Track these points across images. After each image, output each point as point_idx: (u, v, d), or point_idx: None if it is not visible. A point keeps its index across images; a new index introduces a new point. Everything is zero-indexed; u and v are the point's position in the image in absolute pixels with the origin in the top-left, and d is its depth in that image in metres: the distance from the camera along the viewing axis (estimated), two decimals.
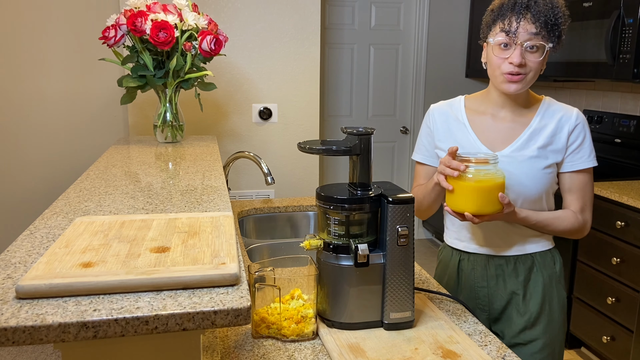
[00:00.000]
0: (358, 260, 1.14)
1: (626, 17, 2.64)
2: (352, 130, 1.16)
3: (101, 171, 1.44)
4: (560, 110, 1.41)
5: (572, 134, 1.39)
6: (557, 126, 1.40)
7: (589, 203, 1.44)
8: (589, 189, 1.43)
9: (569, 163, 1.40)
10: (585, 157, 1.40)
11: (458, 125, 1.46)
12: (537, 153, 1.38)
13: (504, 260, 1.45)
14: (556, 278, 1.47)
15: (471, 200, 1.25)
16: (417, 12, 4.26)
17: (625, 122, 3.08)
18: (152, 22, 1.77)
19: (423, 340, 1.14)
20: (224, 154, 2.73)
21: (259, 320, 1.17)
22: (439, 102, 1.53)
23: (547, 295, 1.45)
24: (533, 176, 1.38)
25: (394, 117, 4.43)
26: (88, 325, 0.65)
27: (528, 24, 1.29)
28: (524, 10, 1.29)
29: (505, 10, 1.32)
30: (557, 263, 1.48)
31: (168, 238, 0.86)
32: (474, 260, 1.48)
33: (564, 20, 1.32)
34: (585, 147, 1.40)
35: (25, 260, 0.81)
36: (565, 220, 1.41)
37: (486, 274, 1.46)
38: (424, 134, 1.52)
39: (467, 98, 1.50)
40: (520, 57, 1.29)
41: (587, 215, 1.44)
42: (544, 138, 1.39)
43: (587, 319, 2.71)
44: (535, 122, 1.41)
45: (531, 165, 1.38)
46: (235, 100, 2.72)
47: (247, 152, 1.97)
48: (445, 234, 1.57)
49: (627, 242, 2.47)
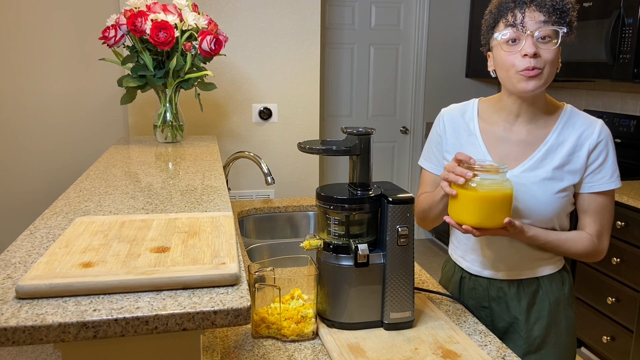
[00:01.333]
0: (358, 260, 1.14)
1: (626, 17, 2.64)
2: (352, 130, 1.16)
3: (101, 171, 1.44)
4: (582, 124, 1.27)
5: (592, 153, 1.24)
6: (577, 143, 1.25)
7: (607, 227, 1.30)
8: (608, 212, 1.29)
9: (588, 184, 1.26)
10: (606, 178, 1.25)
11: (469, 136, 1.34)
12: (552, 174, 1.24)
13: (506, 283, 1.34)
14: (564, 301, 1.35)
15: (473, 212, 1.15)
16: (417, 12, 4.26)
17: (625, 122, 3.08)
18: (152, 22, 1.77)
19: (423, 340, 1.14)
20: (224, 154, 2.73)
21: (259, 320, 1.17)
22: (451, 106, 1.40)
23: (553, 320, 1.34)
24: (545, 201, 1.24)
25: (394, 117, 4.43)
26: (88, 325, 0.65)
27: (534, 12, 1.17)
28: (526, 1, 1.18)
29: (506, 6, 1.20)
30: (566, 284, 1.36)
31: (168, 238, 0.86)
32: (475, 280, 1.39)
33: (572, 6, 1.20)
34: (607, 167, 1.25)
35: (25, 260, 0.81)
36: (579, 242, 1.27)
37: (487, 295, 1.37)
38: (433, 141, 1.41)
39: (481, 102, 1.37)
40: (533, 46, 1.16)
41: (605, 241, 1.30)
42: (560, 157, 1.25)
43: (587, 319, 2.71)
44: (553, 136, 1.27)
45: (544, 189, 1.24)
46: (235, 100, 2.72)
47: (247, 152, 1.97)
48: (449, 247, 1.48)
49: (627, 242, 2.47)
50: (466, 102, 1.40)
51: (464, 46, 4.39)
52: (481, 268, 1.37)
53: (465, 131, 1.35)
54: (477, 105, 1.37)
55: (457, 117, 1.37)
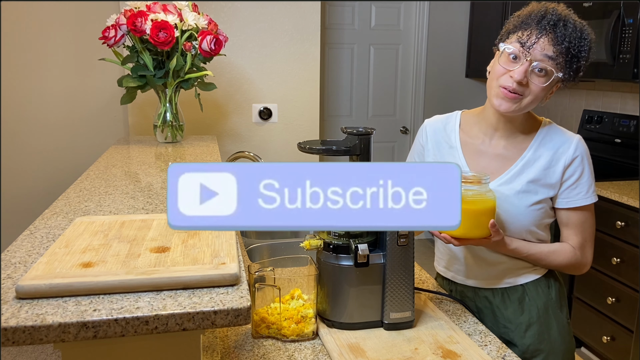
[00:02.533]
0: (358, 260, 1.14)
1: (626, 17, 2.64)
2: (352, 130, 1.16)
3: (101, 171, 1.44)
4: (558, 140, 1.27)
5: (568, 169, 1.25)
6: (553, 158, 1.26)
7: (590, 239, 1.30)
8: (589, 225, 1.29)
9: (565, 199, 1.27)
10: (582, 194, 1.26)
11: (450, 149, 1.35)
12: (526, 187, 1.25)
13: (491, 292, 1.35)
14: (553, 306, 1.34)
15: None
16: (417, 12, 4.26)
17: (625, 122, 3.08)
18: (152, 22, 1.77)
19: (423, 340, 1.14)
20: (224, 154, 2.73)
21: (259, 320, 1.17)
22: (434, 117, 1.42)
23: (543, 326, 1.33)
24: (519, 213, 1.25)
25: (394, 117, 4.43)
26: (88, 325, 0.65)
27: (548, 44, 1.15)
28: (548, 27, 1.15)
29: (531, 21, 1.18)
30: (553, 288, 1.35)
31: (168, 238, 0.86)
32: (461, 290, 1.40)
33: (587, 55, 1.18)
34: (582, 183, 1.26)
35: (25, 260, 0.81)
36: (562, 254, 1.29)
37: (475, 305, 1.38)
38: (415, 151, 1.43)
39: (464, 114, 1.38)
40: (523, 74, 1.16)
41: (588, 253, 1.30)
42: (536, 171, 1.26)
43: (587, 319, 2.71)
44: (530, 152, 1.28)
45: (518, 201, 1.25)
46: (235, 100, 2.72)
47: (247, 152, 1.97)
48: (435, 260, 1.48)
49: (627, 242, 2.47)
50: (450, 114, 1.41)
51: (464, 46, 4.38)
52: (465, 277, 1.37)
53: (446, 143, 1.36)
54: (459, 117, 1.38)
55: (440, 129, 1.38)
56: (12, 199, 2.60)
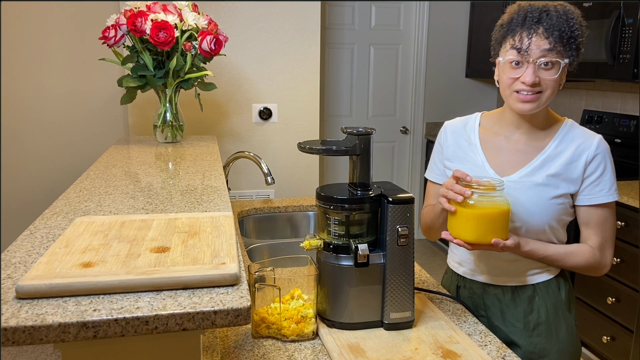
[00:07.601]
0: (358, 260, 1.14)
1: (626, 17, 2.64)
2: (352, 130, 1.16)
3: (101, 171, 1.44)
4: (580, 137, 1.28)
5: (590, 165, 1.26)
6: (575, 154, 1.26)
7: (610, 240, 1.29)
8: (609, 225, 1.29)
9: (586, 196, 1.27)
10: (605, 191, 1.26)
11: (469, 145, 1.36)
12: (547, 181, 1.26)
13: (501, 289, 1.35)
14: (562, 306, 1.34)
15: (471, 228, 1.16)
16: (417, 12, 4.26)
17: (625, 122, 3.08)
18: (152, 22, 1.77)
19: (423, 340, 1.14)
20: (224, 154, 2.73)
21: (259, 320, 1.17)
22: (454, 119, 1.43)
23: (552, 326, 1.33)
24: (540, 205, 1.26)
25: (394, 117, 4.43)
26: (88, 325, 0.65)
27: (540, 39, 1.17)
28: (535, 25, 1.18)
29: (515, 25, 1.21)
30: (563, 289, 1.35)
31: (168, 238, 0.86)
32: (470, 287, 1.39)
33: (581, 32, 1.20)
34: (605, 180, 1.26)
35: (25, 260, 0.81)
36: (579, 255, 1.27)
37: (483, 303, 1.38)
38: (435, 151, 1.44)
39: (483, 116, 1.40)
40: (533, 76, 1.18)
41: (607, 254, 1.29)
42: (557, 166, 1.27)
43: (587, 319, 2.71)
44: (552, 147, 1.29)
45: (539, 194, 1.26)
46: (235, 100, 2.72)
47: (247, 152, 1.97)
48: (448, 256, 1.49)
49: (627, 242, 2.47)
50: (469, 116, 1.43)
51: (464, 46, 4.38)
52: (477, 273, 1.38)
53: (465, 141, 1.38)
54: (479, 118, 1.41)
55: (459, 128, 1.40)
56: (12, 199, 2.60)
